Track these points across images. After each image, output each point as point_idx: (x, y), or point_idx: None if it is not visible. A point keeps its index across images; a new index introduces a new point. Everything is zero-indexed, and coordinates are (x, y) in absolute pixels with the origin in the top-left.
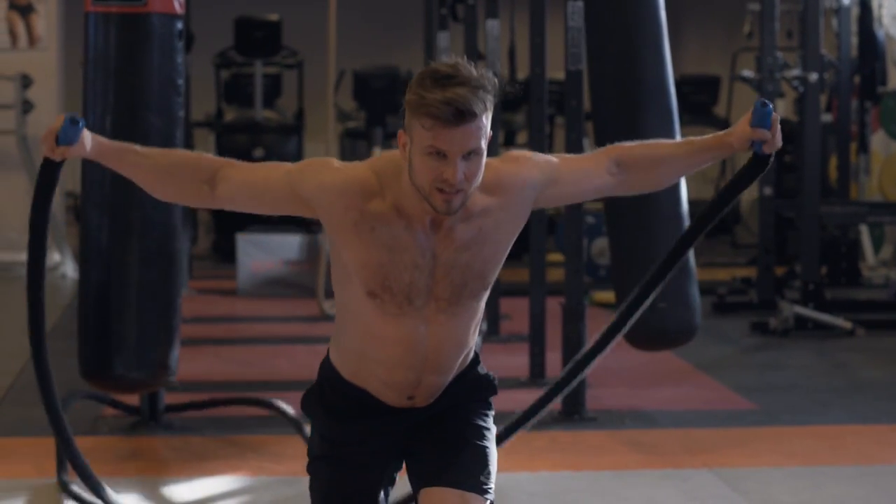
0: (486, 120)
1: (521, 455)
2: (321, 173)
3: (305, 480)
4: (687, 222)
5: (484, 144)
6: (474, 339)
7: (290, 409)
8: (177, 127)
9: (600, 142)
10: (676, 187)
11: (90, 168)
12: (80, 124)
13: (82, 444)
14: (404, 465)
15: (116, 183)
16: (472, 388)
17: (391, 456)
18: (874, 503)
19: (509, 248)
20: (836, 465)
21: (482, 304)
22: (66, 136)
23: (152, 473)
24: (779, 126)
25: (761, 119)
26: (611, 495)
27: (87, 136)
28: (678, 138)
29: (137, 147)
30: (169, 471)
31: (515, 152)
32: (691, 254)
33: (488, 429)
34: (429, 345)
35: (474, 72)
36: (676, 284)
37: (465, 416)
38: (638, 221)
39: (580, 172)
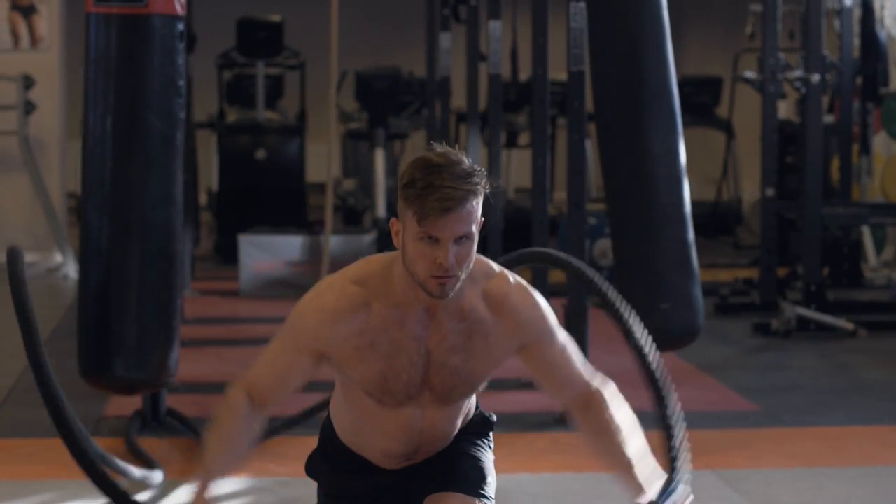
0: (477, 205)
1: (523, 456)
2: (308, 324)
3: (307, 481)
4: (689, 224)
5: (475, 229)
6: (471, 409)
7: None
8: (178, 128)
9: (603, 143)
10: (680, 188)
11: (90, 168)
12: None
13: None
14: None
15: (117, 183)
16: (469, 426)
17: (396, 497)
18: None
19: (493, 370)
20: (839, 467)
21: (471, 399)
22: None
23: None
24: None
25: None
26: (612, 497)
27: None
28: (682, 158)
29: (213, 459)
30: (171, 472)
31: (538, 295)
32: (694, 255)
33: (486, 450)
34: (425, 425)
35: (464, 160)
36: (679, 285)
37: (463, 442)
38: (641, 223)
39: (564, 367)
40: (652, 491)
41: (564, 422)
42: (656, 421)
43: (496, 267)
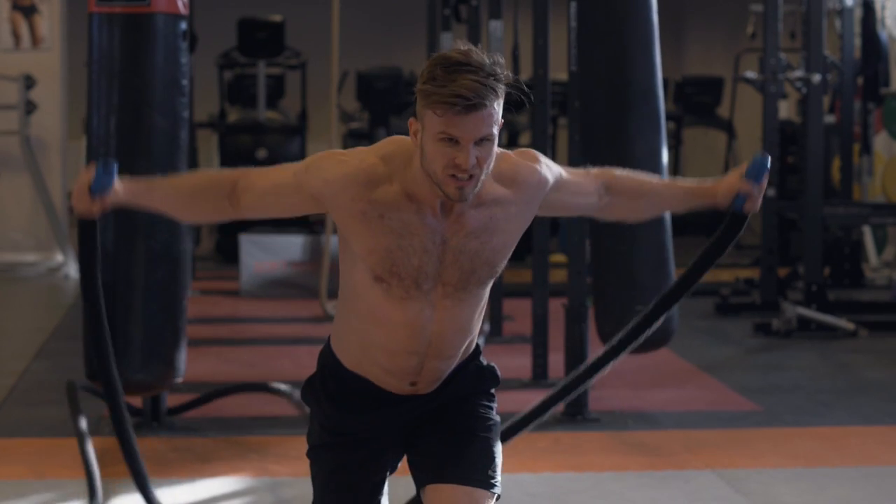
0: (498, 107)
1: (524, 456)
2: (324, 168)
3: (308, 482)
4: (668, 228)
5: (496, 131)
6: (478, 327)
7: (283, 387)
8: (181, 127)
9: (585, 140)
10: None
11: None
12: (113, 167)
13: None
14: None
15: None
16: (475, 379)
17: (393, 446)
18: None
19: (517, 240)
20: (839, 467)
21: (487, 292)
22: (100, 185)
23: (155, 475)
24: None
25: (758, 172)
26: (613, 496)
27: (118, 180)
28: (664, 159)
29: (160, 180)
30: (171, 472)
31: (531, 151)
32: (672, 258)
33: (493, 420)
34: (433, 329)
35: (486, 59)
36: (656, 288)
37: (469, 408)
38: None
39: (576, 186)
40: (729, 179)
41: (565, 421)
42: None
43: (511, 154)
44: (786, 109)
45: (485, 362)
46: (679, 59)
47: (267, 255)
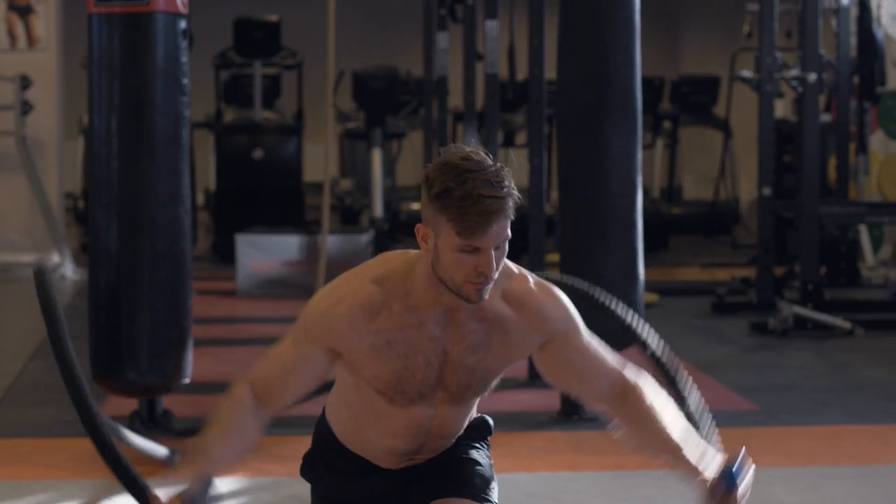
0: (513, 206)
1: (520, 455)
2: (322, 319)
3: (304, 481)
4: (639, 229)
5: (510, 232)
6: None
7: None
8: (183, 126)
9: (561, 139)
10: (634, 192)
11: (96, 169)
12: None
13: (81, 445)
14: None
15: (124, 183)
16: (467, 431)
17: (395, 501)
18: (873, 503)
19: (508, 367)
20: (836, 466)
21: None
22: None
23: (152, 475)
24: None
25: (728, 483)
26: (610, 496)
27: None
28: (639, 160)
29: (210, 449)
30: (167, 472)
31: (560, 293)
32: (641, 260)
33: (487, 455)
34: (434, 424)
35: (489, 161)
36: (623, 289)
37: (464, 446)
38: (591, 222)
39: (592, 359)
40: (710, 470)
41: (562, 421)
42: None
43: (515, 267)
44: (782, 108)
45: (477, 415)
46: (675, 59)
47: (263, 255)
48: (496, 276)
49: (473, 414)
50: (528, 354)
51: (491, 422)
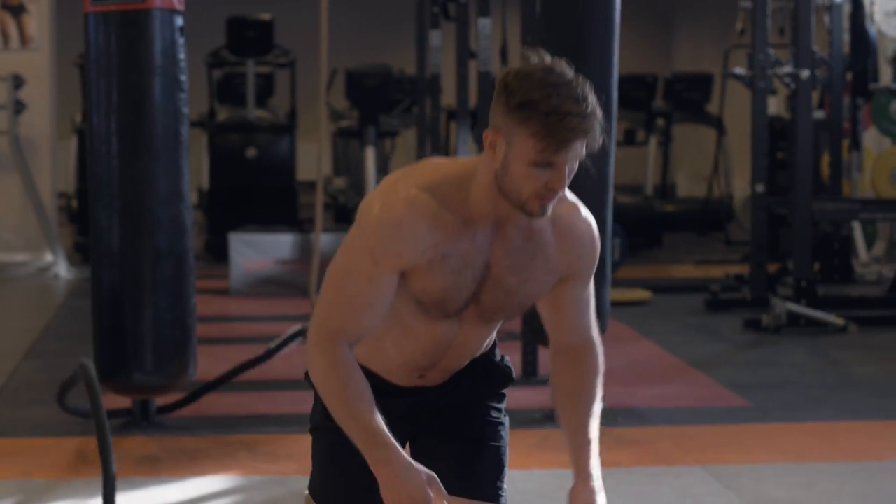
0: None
1: (513, 453)
2: (392, 247)
3: (297, 479)
4: (609, 227)
5: None
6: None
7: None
8: (182, 124)
9: None
10: (605, 190)
11: (96, 168)
12: None
13: (73, 444)
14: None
15: (124, 182)
16: (487, 377)
17: (396, 436)
18: (867, 499)
19: (542, 296)
20: (829, 462)
21: None
22: None
23: (144, 474)
24: None
25: None
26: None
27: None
28: (612, 158)
29: (377, 419)
30: (161, 471)
31: (597, 232)
32: (609, 259)
33: (503, 424)
34: (456, 340)
35: (573, 74)
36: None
37: (479, 412)
38: None
39: (580, 313)
40: (595, 479)
41: (554, 418)
42: None
43: (569, 193)
44: (776, 105)
45: (499, 357)
46: (668, 56)
47: (256, 254)
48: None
49: (493, 337)
50: (551, 286)
51: (512, 368)
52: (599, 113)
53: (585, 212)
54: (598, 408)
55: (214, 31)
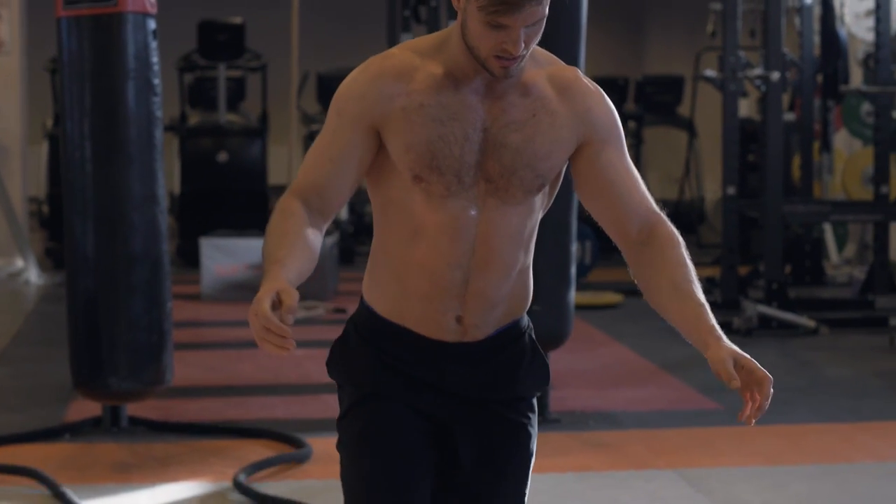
0: None
1: None
2: (352, 87)
3: (268, 485)
4: (573, 231)
5: (546, 9)
6: (529, 252)
7: None
8: (156, 127)
9: None
10: (570, 194)
11: (70, 173)
12: None
13: (45, 451)
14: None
15: (98, 187)
16: (526, 373)
17: (430, 434)
18: (838, 502)
19: (562, 160)
20: (800, 465)
21: (536, 213)
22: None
23: (115, 481)
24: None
25: None
26: (575, 497)
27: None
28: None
29: (277, 251)
30: (131, 477)
31: (605, 95)
32: (573, 263)
33: (533, 443)
34: (477, 232)
35: None
36: (555, 290)
37: (515, 430)
38: None
39: (628, 185)
40: (725, 341)
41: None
42: None
43: (567, 65)
44: (747, 107)
45: (537, 349)
46: (639, 59)
47: (228, 259)
48: (526, 54)
49: (525, 261)
50: (570, 151)
51: (548, 365)
52: None
53: (586, 77)
54: (695, 276)
55: (185, 35)
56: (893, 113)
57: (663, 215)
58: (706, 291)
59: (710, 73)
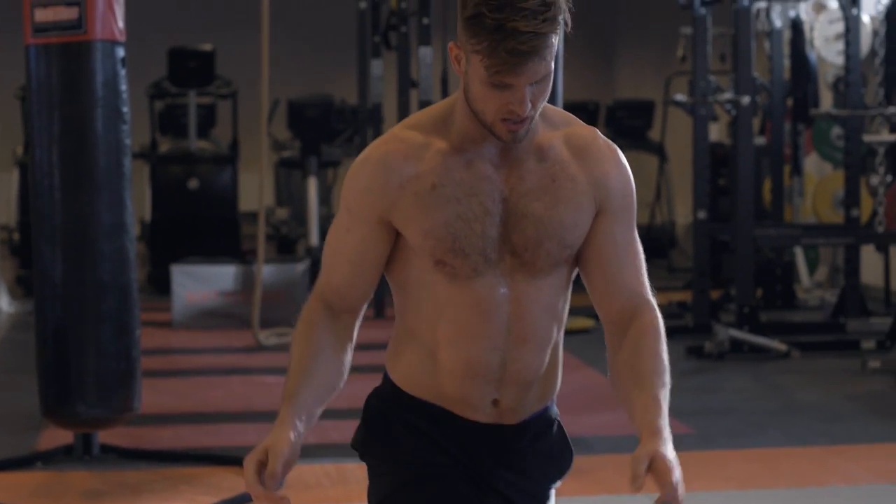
0: (556, 40)
1: None
2: (357, 183)
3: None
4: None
5: (552, 65)
6: (562, 327)
7: None
8: (125, 155)
9: None
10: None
11: (38, 201)
12: None
13: (17, 479)
14: None
15: (67, 214)
16: (555, 466)
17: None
18: None
19: (585, 227)
20: (773, 488)
21: (569, 284)
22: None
23: None
24: None
25: None
26: None
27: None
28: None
29: (293, 382)
30: None
31: (623, 157)
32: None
33: None
34: (511, 310)
35: None
36: None
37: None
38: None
39: (628, 262)
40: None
41: None
42: None
43: (584, 124)
44: (717, 132)
45: (564, 434)
46: (610, 83)
47: (199, 286)
48: (534, 115)
49: (557, 337)
50: (592, 217)
51: (573, 453)
52: (558, 23)
53: (603, 137)
54: (663, 371)
55: (156, 62)
56: (863, 136)
57: (652, 300)
58: (677, 316)
59: (681, 97)
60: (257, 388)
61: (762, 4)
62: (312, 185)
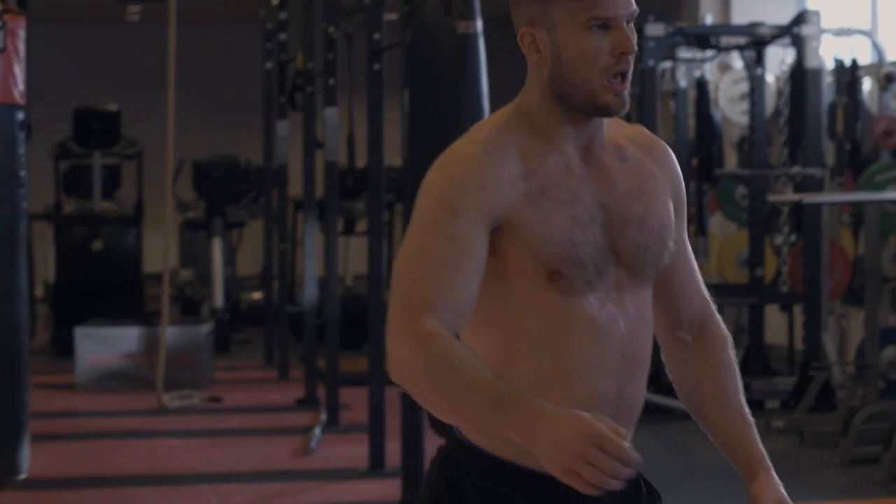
0: None
1: None
2: (465, 179)
3: None
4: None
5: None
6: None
7: None
8: (20, 219)
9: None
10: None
11: None
12: None
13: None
14: None
15: None
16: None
17: None
18: None
19: (673, 229)
20: None
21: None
22: None
23: None
24: None
25: None
26: None
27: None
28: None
29: (486, 372)
30: None
31: None
32: None
33: None
34: (623, 330)
35: None
36: None
37: None
38: None
39: (690, 266)
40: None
41: None
42: None
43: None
44: None
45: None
46: None
47: (102, 348)
48: (630, 72)
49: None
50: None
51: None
52: None
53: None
54: (741, 385)
55: (60, 123)
56: (768, 196)
57: (713, 306)
58: None
59: None
60: (161, 451)
61: (667, 65)
62: (217, 246)
